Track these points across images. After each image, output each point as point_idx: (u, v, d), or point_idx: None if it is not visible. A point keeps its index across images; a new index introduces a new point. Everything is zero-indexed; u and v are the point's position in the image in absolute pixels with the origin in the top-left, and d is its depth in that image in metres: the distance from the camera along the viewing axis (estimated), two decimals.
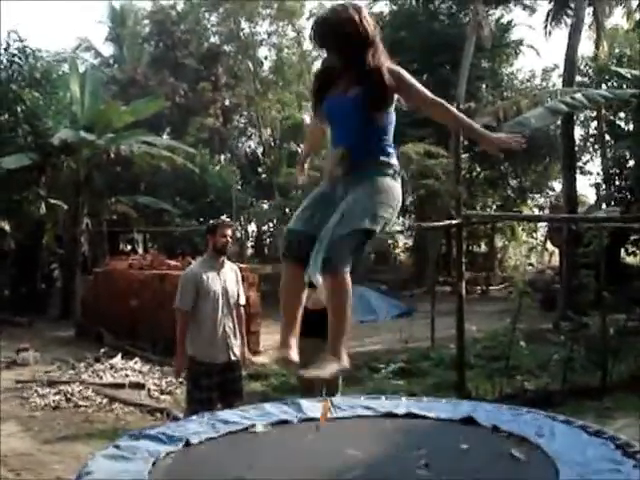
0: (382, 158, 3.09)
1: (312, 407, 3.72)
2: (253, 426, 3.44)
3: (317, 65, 34.33)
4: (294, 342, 3.13)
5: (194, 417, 3.75)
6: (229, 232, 5.81)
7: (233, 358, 5.74)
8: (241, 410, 3.81)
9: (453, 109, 3.15)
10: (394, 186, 3.09)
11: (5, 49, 18.02)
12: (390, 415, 3.60)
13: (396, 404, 3.76)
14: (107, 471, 2.86)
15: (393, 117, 3.16)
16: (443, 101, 3.14)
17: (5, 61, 18.07)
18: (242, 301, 5.99)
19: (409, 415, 3.58)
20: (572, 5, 19.12)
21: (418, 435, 3.29)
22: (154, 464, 2.97)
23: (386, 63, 3.07)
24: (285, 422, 3.56)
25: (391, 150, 3.14)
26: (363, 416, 3.63)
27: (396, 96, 3.10)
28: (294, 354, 3.09)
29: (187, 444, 3.25)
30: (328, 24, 3.06)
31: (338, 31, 3.01)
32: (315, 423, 3.33)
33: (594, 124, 25.45)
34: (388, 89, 3.03)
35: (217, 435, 3.39)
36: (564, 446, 2.97)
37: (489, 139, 3.08)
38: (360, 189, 2.99)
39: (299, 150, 33.54)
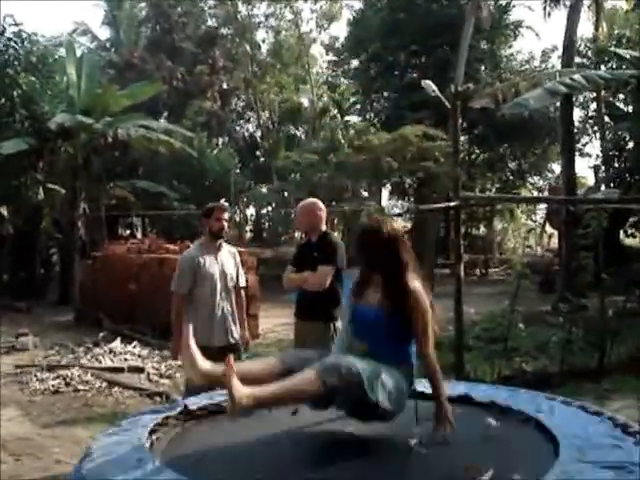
0: (400, 365, 3.08)
1: None
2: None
3: (315, 48, 34.24)
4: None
5: (193, 398, 3.78)
6: (225, 216, 5.78)
7: (232, 341, 5.73)
8: None
9: (439, 381, 3.08)
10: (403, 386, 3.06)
11: (1, 33, 17.91)
12: None
13: None
14: (107, 447, 2.88)
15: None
16: (437, 368, 3.10)
17: (1, 45, 17.96)
18: (242, 283, 5.97)
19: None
20: None
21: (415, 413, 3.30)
22: (151, 431, 3.01)
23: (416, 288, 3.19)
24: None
25: (407, 359, 3.17)
26: None
27: None
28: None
29: (185, 409, 3.31)
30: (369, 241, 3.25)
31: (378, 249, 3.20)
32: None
33: (593, 105, 25.36)
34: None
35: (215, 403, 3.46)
36: (564, 421, 2.99)
37: (442, 419, 2.98)
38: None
39: (297, 133, 33.58)
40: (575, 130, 19.88)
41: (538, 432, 2.97)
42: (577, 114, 24.45)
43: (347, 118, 30.25)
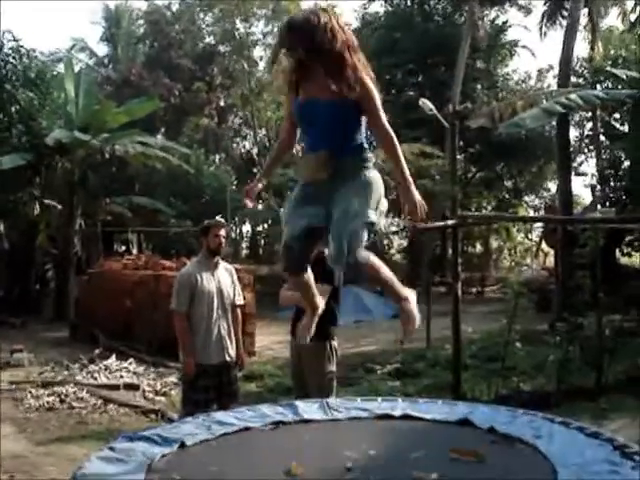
0: (362, 154, 3.24)
1: (308, 409, 3.70)
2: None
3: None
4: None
5: (189, 418, 3.73)
6: (222, 232, 5.78)
7: (228, 359, 5.71)
8: (236, 412, 3.78)
9: (397, 147, 3.20)
10: (377, 176, 3.23)
11: None
12: (386, 417, 3.57)
13: (392, 406, 3.73)
14: (102, 473, 2.83)
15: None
16: (393, 134, 3.20)
17: None
18: (239, 301, 5.95)
19: (405, 417, 3.55)
20: (567, 6, 19.16)
21: (414, 437, 3.26)
22: (149, 466, 2.94)
23: (361, 70, 3.14)
24: (281, 423, 3.54)
25: (366, 145, 3.30)
26: (360, 418, 3.60)
27: None
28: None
29: (182, 446, 3.22)
30: (299, 30, 3.08)
31: (308, 37, 3.05)
32: None
33: (589, 125, 25.50)
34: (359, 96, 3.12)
35: (212, 437, 3.36)
36: (562, 447, 2.95)
37: (409, 196, 3.16)
38: (350, 185, 3.12)
39: (294, 151, 33.68)
40: (571, 149, 19.94)
41: (536, 459, 2.94)
42: (573, 133, 24.57)
43: None
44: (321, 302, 3.62)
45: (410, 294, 3.32)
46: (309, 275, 3.42)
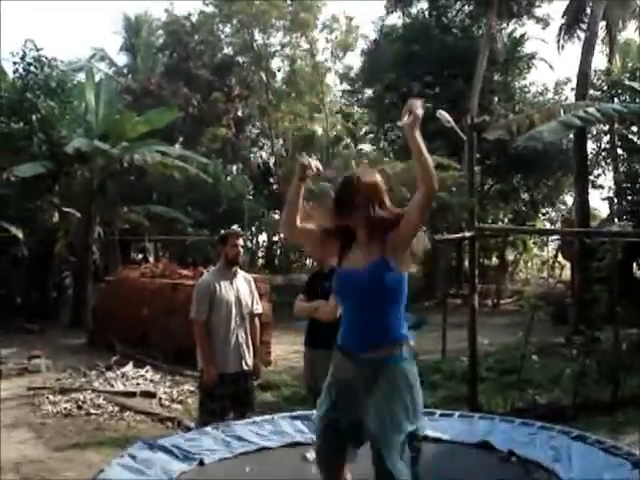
0: (398, 339, 3.05)
1: None
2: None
3: (330, 77, 34.50)
4: None
5: (208, 429, 3.76)
6: (240, 242, 5.83)
7: (246, 368, 5.74)
8: (255, 426, 3.82)
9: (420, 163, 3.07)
10: (412, 372, 3.06)
11: (21, 58, 18.18)
12: None
13: None
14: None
15: (406, 287, 3.12)
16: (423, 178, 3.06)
17: (21, 70, 18.23)
18: (258, 310, 5.99)
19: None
20: (585, 19, 19.14)
21: (434, 459, 3.28)
22: None
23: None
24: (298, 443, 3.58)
25: (404, 330, 3.11)
26: None
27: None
28: None
29: (201, 464, 3.27)
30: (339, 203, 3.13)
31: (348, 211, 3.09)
32: None
33: (606, 138, 25.35)
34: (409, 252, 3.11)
35: (231, 455, 3.41)
36: (580, 471, 2.96)
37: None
38: (385, 390, 2.96)
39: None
40: (588, 162, 19.86)
41: None
42: (590, 146, 24.41)
43: (360, 147, 30.36)
44: None
45: None
46: (341, 468, 3.16)
